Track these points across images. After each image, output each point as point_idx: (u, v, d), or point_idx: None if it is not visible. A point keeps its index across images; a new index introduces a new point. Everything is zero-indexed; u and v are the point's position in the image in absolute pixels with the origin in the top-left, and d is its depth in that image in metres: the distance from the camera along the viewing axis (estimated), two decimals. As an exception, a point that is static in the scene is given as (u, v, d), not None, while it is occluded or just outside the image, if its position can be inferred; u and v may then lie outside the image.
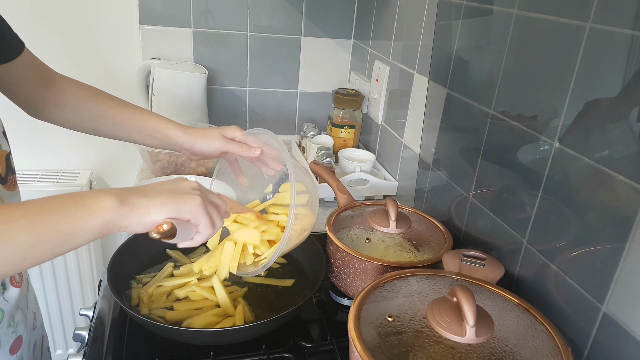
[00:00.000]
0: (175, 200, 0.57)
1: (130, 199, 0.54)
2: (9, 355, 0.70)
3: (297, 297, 0.81)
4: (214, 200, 0.63)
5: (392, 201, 0.84)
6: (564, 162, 0.65)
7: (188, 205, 0.57)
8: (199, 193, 0.59)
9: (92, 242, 1.63)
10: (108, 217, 0.52)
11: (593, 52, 0.61)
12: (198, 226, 0.59)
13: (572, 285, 0.63)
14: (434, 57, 1.03)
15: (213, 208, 0.61)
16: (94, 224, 0.51)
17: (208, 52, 1.48)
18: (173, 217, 0.56)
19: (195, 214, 0.58)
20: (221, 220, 0.63)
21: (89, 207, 0.51)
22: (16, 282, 0.71)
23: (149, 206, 0.55)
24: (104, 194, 0.53)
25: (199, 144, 0.79)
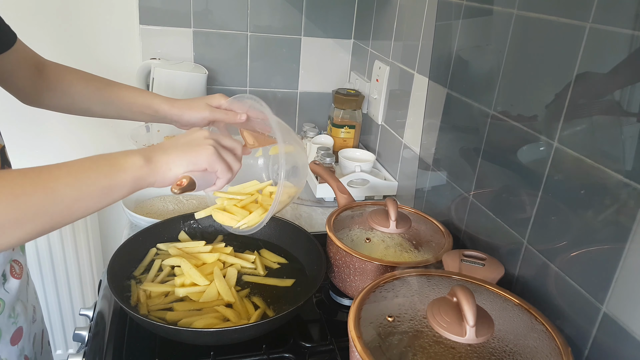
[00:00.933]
0: (190, 153, 0.62)
1: (154, 156, 0.60)
2: (10, 346, 0.71)
3: (297, 297, 0.81)
4: (228, 144, 0.68)
5: (392, 201, 0.84)
6: (564, 162, 0.65)
7: (202, 155, 0.63)
8: (212, 142, 0.64)
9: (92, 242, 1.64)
10: (138, 173, 0.59)
11: (593, 52, 0.61)
12: (216, 172, 0.65)
13: (572, 285, 0.63)
14: (434, 57, 1.03)
15: (228, 152, 0.66)
16: (127, 180, 0.58)
17: (208, 52, 1.48)
18: (191, 170, 0.62)
19: (211, 162, 0.63)
20: (238, 162, 0.68)
21: (121, 165, 0.58)
22: (16, 274, 0.72)
23: (169, 162, 0.61)
24: (131, 154, 0.59)
25: (186, 115, 0.83)
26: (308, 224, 1.12)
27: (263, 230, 0.97)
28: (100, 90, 0.83)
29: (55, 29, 1.40)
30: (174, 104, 0.83)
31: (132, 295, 0.78)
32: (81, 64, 0.89)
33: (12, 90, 0.80)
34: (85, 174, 0.56)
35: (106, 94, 0.84)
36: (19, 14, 1.33)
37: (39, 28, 1.38)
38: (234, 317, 0.74)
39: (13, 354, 0.72)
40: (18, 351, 0.73)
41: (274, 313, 0.77)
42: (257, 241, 0.95)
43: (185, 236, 0.93)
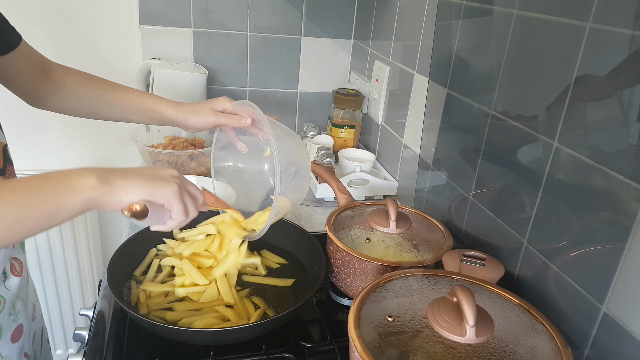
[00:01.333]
0: (153, 184, 0.59)
1: (111, 178, 0.57)
2: (11, 343, 0.72)
3: (297, 297, 0.81)
4: (192, 190, 0.66)
5: (392, 201, 0.84)
6: (564, 162, 0.65)
7: (165, 190, 0.60)
8: (177, 181, 0.62)
9: (92, 242, 1.64)
10: (89, 195, 0.55)
11: (593, 52, 0.61)
12: (171, 212, 0.62)
13: (572, 285, 0.63)
14: (434, 57, 1.03)
15: (189, 197, 0.64)
16: (76, 202, 0.54)
17: (208, 52, 1.48)
18: (148, 200, 0.59)
19: (169, 200, 0.61)
20: (195, 211, 0.65)
21: (71, 186, 0.54)
22: (17, 272, 0.73)
23: (127, 187, 0.57)
24: (86, 173, 0.56)
25: (191, 120, 0.83)
26: (308, 224, 1.12)
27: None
28: (107, 93, 0.83)
29: (56, 29, 1.40)
30: (180, 108, 0.83)
31: (132, 295, 0.78)
32: (81, 64, 0.89)
33: (18, 91, 0.80)
34: (30, 193, 0.52)
35: (112, 97, 0.83)
36: (19, 14, 1.33)
37: (39, 28, 1.38)
38: (234, 317, 0.74)
39: (14, 352, 0.73)
40: (18, 348, 0.74)
41: (274, 313, 0.77)
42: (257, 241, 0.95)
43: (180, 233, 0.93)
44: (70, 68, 0.84)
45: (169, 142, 1.32)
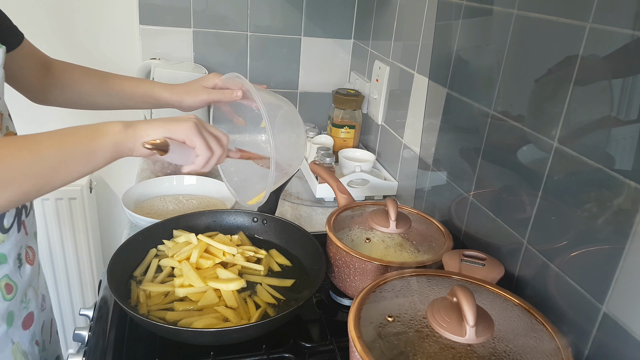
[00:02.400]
0: (170, 123, 0.66)
1: (135, 124, 0.64)
2: (22, 329, 0.74)
3: (297, 297, 0.81)
4: (213, 130, 0.70)
5: (392, 201, 0.84)
6: (564, 162, 0.65)
7: (181, 127, 0.66)
8: (195, 120, 0.68)
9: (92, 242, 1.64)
10: (117, 138, 0.62)
11: (593, 52, 0.60)
12: (195, 149, 0.67)
13: (572, 285, 0.63)
14: (434, 57, 1.03)
15: (210, 135, 0.69)
16: (108, 143, 0.61)
17: (208, 52, 1.48)
18: (168, 137, 0.65)
19: (188, 135, 0.66)
20: (220, 148, 0.70)
21: (101, 130, 0.61)
22: (30, 260, 0.75)
23: (147, 128, 0.64)
24: (112, 122, 0.63)
25: (185, 100, 0.87)
26: (308, 224, 1.12)
27: (264, 231, 0.97)
28: (103, 83, 0.87)
29: (56, 29, 1.40)
30: (173, 90, 0.87)
31: (132, 295, 0.78)
32: (81, 63, 0.89)
33: (21, 88, 0.83)
34: (67, 137, 0.59)
35: (109, 86, 0.87)
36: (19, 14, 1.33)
37: (39, 28, 1.38)
38: (234, 317, 0.74)
39: (25, 338, 0.75)
40: (30, 336, 0.76)
41: (274, 313, 0.77)
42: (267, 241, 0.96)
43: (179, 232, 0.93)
44: (69, 63, 0.87)
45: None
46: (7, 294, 0.70)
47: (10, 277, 0.70)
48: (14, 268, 0.71)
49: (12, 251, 0.70)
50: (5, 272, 0.69)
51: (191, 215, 0.95)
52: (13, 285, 0.71)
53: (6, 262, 0.69)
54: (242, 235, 0.95)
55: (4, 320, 0.70)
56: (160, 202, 1.10)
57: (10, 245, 0.69)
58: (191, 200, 1.12)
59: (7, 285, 0.70)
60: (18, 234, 0.71)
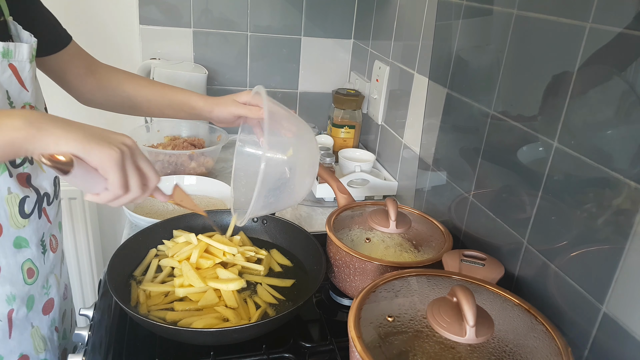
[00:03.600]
0: (91, 142, 0.54)
1: (42, 123, 0.53)
2: (42, 314, 0.77)
3: (297, 297, 0.81)
4: (142, 166, 0.60)
5: (392, 201, 0.84)
6: (564, 162, 0.65)
7: (102, 153, 0.54)
8: (124, 149, 0.56)
9: (92, 242, 1.64)
10: (12, 136, 0.52)
11: (593, 52, 0.60)
12: (107, 181, 0.56)
13: (572, 285, 0.63)
14: (434, 57, 1.03)
15: (135, 172, 0.58)
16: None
17: (208, 52, 1.48)
18: (79, 157, 0.53)
19: (104, 164, 0.54)
20: (140, 190, 0.59)
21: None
22: (53, 248, 0.79)
23: (60, 136, 0.53)
24: (17, 115, 0.53)
25: (215, 110, 0.86)
26: (308, 224, 1.12)
27: (264, 231, 0.97)
28: (145, 88, 0.89)
29: (55, 29, 1.40)
30: (207, 100, 0.87)
31: (132, 295, 0.78)
32: (81, 63, 0.90)
33: (68, 88, 0.86)
34: None
35: (150, 92, 0.89)
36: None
37: (39, 28, 1.38)
38: (234, 317, 0.74)
39: (44, 323, 0.78)
40: (49, 321, 0.79)
41: (274, 313, 0.77)
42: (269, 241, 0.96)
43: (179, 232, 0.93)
44: (113, 67, 0.90)
45: (169, 142, 1.32)
46: (29, 278, 0.72)
47: (34, 262, 0.73)
48: (37, 253, 0.73)
49: (34, 236, 0.72)
50: (28, 256, 0.72)
51: (191, 215, 0.95)
52: (35, 270, 0.73)
53: (28, 246, 0.71)
54: (243, 235, 0.95)
55: (24, 303, 0.72)
56: (160, 202, 1.10)
57: (31, 231, 0.71)
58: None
59: (30, 269, 0.72)
60: (39, 220, 0.73)
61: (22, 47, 0.66)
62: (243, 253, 0.88)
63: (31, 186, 0.71)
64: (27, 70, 0.68)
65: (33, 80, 0.70)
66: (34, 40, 0.69)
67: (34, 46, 0.68)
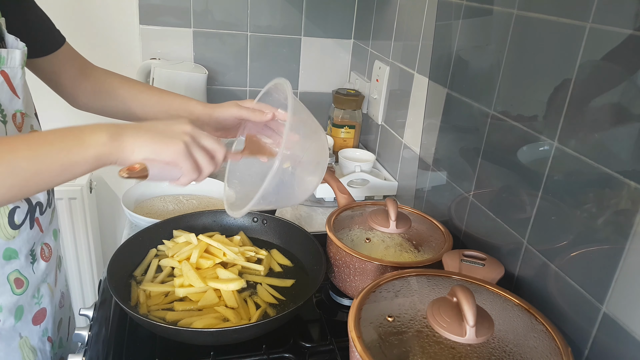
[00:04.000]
0: (159, 143, 0.60)
1: (122, 136, 0.58)
2: (32, 325, 0.75)
3: (297, 297, 0.81)
4: (208, 145, 0.64)
5: (392, 201, 0.84)
6: (564, 162, 0.65)
7: (170, 149, 0.60)
8: (187, 138, 0.61)
9: (92, 242, 1.64)
10: (100, 151, 0.57)
11: (593, 52, 0.61)
12: (181, 169, 0.62)
13: (572, 285, 0.63)
14: (434, 57, 1.03)
15: (202, 152, 0.63)
16: (88, 157, 0.56)
17: (208, 52, 1.48)
18: (152, 159, 0.59)
19: (176, 158, 0.60)
20: (212, 165, 0.64)
21: (84, 141, 0.56)
22: (45, 257, 0.76)
23: (134, 145, 0.58)
24: (98, 130, 0.57)
25: (216, 112, 0.83)
26: (308, 224, 1.12)
27: (264, 231, 0.97)
28: (141, 93, 0.86)
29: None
30: (206, 105, 0.85)
31: (132, 295, 0.78)
32: (81, 63, 0.89)
33: (59, 91, 0.84)
34: (44, 147, 0.55)
35: (146, 97, 0.86)
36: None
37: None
38: (234, 317, 0.74)
39: (34, 333, 0.75)
40: (40, 331, 0.76)
41: (274, 313, 0.77)
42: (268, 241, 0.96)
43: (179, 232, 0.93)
44: (109, 71, 0.87)
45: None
46: (17, 289, 0.70)
47: (21, 272, 0.71)
48: (25, 263, 0.71)
49: (24, 247, 0.70)
50: (16, 267, 0.70)
51: (191, 215, 0.95)
52: (24, 280, 0.71)
53: (17, 257, 0.70)
54: (243, 235, 0.95)
55: (12, 314, 0.70)
56: (160, 202, 1.10)
57: (21, 242, 0.70)
58: (191, 200, 1.12)
59: (17, 279, 0.70)
60: (31, 230, 0.71)
61: (15, 53, 0.64)
62: (243, 253, 0.88)
63: None
64: (19, 77, 0.66)
65: (24, 86, 0.68)
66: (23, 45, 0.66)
67: (25, 51, 0.67)
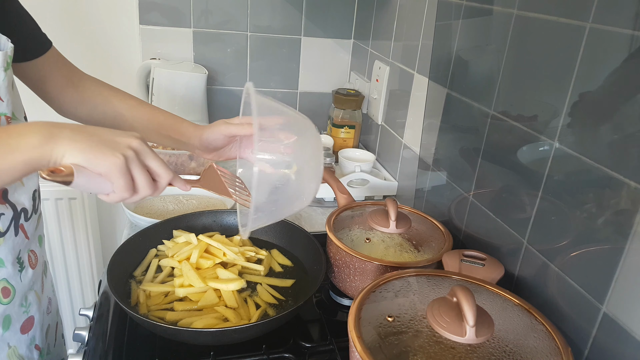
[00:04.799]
0: (96, 152, 0.54)
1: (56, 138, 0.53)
2: (20, 334, 0.73)
3: (297, 297, 0.81)
4: (152, 165, 0.59)
5: (392, 201, 0.84)
6: (564, 162, 0.65)
7: (106, 161, 0.54)
8: (128, 153, 0.56)
9: (92, 242, 1.64)
10: (30, 156, 0.52)
11: (593, 52, 0.61)
12: (114, 185, 0.56)
13: (572, 285, 0.63)
14: (434, 57, 1.03)
15: (143, 173, 0.58)
16: (16, 163, 0.51)
17: (208, 52, 1.48)
18: (84, 167, 0.54)
19: (110, 172, 0.55)
20: (149, 189, 0.59)
21: (10, 145, 0.51)
22: (32, 264, 0.74)
23: (67, 149, 0.53)
24: (29, 131, 0.52)
25: (206, 133, 0.80)
26: (308, 224, 1.12)
27: (264, 231, 0.97)
28: (134, 108, 0.82)
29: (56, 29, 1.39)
30: (197, 126, 0.82)
31: (132, 295, 0.78)
32: (81, 64, 0.89)
33: (46, 98, 0.80)
34: None
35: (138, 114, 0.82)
36: (19, 14, 1.33)
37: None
38: (234, 317, 0.74)
39: (22, 342, 0.74)
40: (28, 340, 0.75)
41: (274, 313, 0.77)
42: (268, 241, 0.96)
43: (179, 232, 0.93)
44: (99, 80, 0.84)
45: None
46: (4, 298, 0.69)
47: (9, 281, 0.69)
48: (13, 272, 0.70)
49: (10, 255, 0.69)
50: (4, 275, 0.68)
51: (191, 215, 0.95)
52: (11, 289, 0.70)
53: (3, 265, 0.68)
54: None
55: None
56: (160, 202, 1.10)
57: (6, 249, 0.68)
58: (191, 200, 1.12)
59: (5, 289, 0.69)
60: (16, 237, 0.69)
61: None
62: (243, 253, 0.88)
63: (7, 202, 0.67)
64: (2, 80, 0.62)
65: (9, 89, 0.65)
66: (10, 47, 0.63)
67: (9, 53, 0.63)
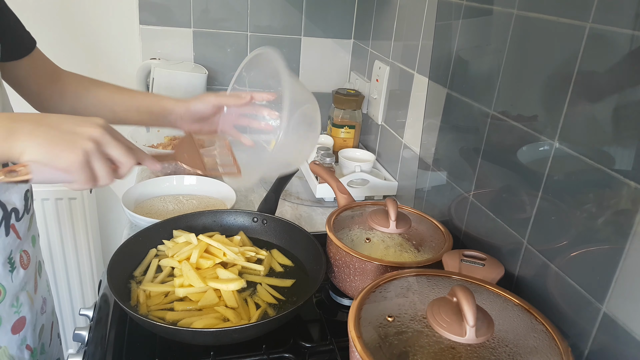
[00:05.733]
0: (56, 148, 0.53)
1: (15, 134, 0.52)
2: (11, 334, 0.73)
3: (297, 297, 0.81)
4: (114, 155, 0.58)
5: (392, 201, 0.84)
6: (564, 162, 0.65)
7: (66, 157, 0.53)
8: (90, 145, 0.55)
9: (92, 242, 1.64)
10: None
11: (593, 52, 0.61)
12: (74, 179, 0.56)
13: (572, 285, 0.63)
14: (434, 57, 1.03)
15: (104, 164, 0.57)
16: None
17: (208, 52, 1.48)
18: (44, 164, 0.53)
19: (70, 167, 0.54)
20: (111, 177, 0.58)
21: None
22: (24, 264, 0.74)
23: (25, 145, 0.52)
24: None
25: (193, 102, 0.80)
26: (308, 224, 1.12)
27: (264, 231, 0.97)
28: (112, 93, 0.84)
29: (56, 30, 1.40)
30: (180, 99, 0.83)
31: (132, 295, 0.78)
32: (81, 64, 0.90)
33: (26, 96, 0.81)
34: None
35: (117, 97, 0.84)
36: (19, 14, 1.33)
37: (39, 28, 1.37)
38: (234, 317, 0.74)
39: (13, 342, 0.74)
40: (19, 340, 0.75)
41: (274, 313, 0.77)
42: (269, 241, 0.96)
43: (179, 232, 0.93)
44: (78, 74, 0.85)
45: (169, 142, 1.32)
46: None
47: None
48: (3, 272, 0.69)
49: (0, 255, 0.68)
50: None
51: (191, 215, 0.95)
52: (1, 290, 0.70)
53: None
54: (243, 235, 0.95)
55: None
56: (160, 202, 1.10)
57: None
58: (191, 200, 1.12)
59: None
60: (7, 237, 0.69)
61: None
62: (243, 253, 0.88)
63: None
64: None
65: None
66: None
67: None
